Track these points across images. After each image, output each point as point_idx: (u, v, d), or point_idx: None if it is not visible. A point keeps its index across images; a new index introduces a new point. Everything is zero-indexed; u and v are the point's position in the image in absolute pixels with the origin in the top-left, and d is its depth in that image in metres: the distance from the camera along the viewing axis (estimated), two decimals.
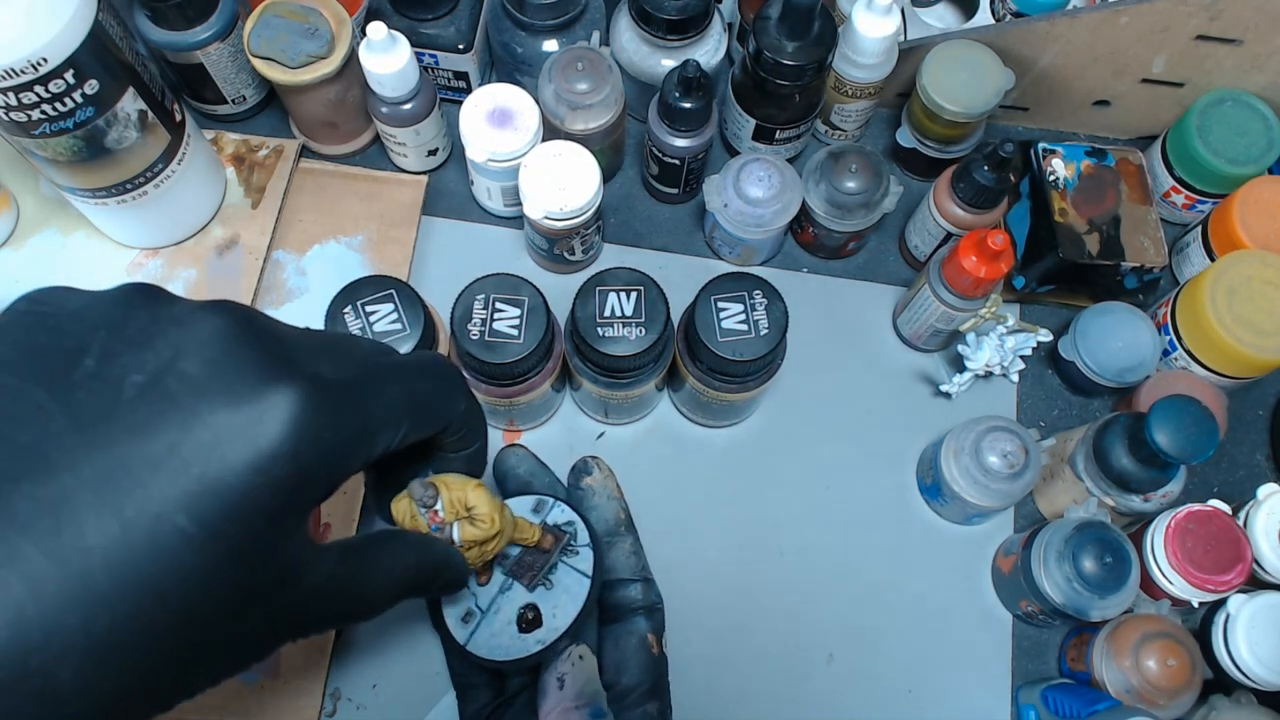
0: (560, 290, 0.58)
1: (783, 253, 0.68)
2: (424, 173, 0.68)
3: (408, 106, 0.62)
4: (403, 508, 0.42)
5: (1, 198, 0.63)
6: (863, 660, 0.59)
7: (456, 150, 0.69)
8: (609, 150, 0.65)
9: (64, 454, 0.22)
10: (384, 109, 0.62)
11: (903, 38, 0.68)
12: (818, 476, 0.62)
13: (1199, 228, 0.66)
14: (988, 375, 0.61)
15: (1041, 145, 0.63)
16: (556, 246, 0.62)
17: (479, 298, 0.52)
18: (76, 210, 0.61)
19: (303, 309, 0.64)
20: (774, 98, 0.62)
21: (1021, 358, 0.59)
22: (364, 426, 0.28)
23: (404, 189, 0.68)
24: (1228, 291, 0.58)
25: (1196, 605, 0.55)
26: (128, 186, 0.58)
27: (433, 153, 0.67)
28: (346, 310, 0.52)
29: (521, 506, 0.50)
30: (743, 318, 0.53)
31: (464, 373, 0.54)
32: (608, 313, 0.52)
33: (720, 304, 0.53)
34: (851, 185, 0.61)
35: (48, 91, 0.48)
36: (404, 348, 0.51)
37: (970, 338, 0.59)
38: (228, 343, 0.24)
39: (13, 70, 0.46)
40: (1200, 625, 0.56)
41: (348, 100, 0.64)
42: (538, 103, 0.60)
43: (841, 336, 0.66)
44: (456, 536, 0.43)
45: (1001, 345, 0.58)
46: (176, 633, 0.23)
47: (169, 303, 0.26)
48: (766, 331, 0.52)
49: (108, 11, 0.50)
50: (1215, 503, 0.55)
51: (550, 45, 0.64)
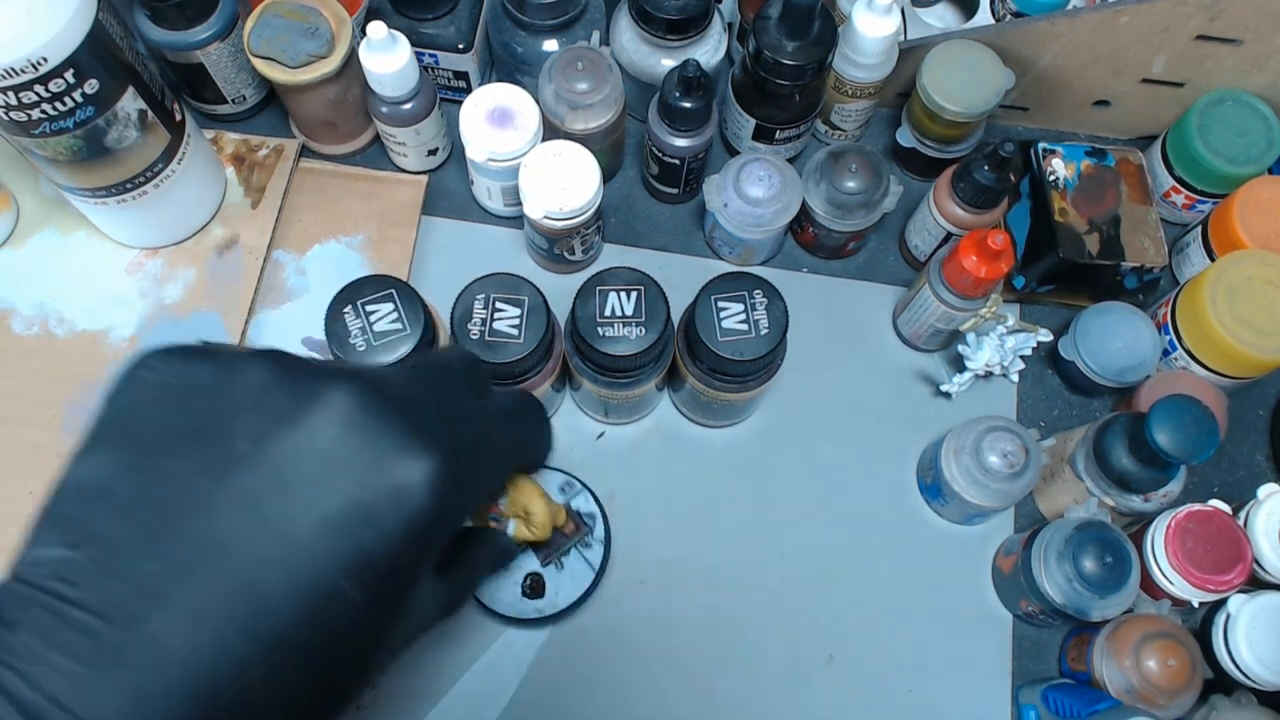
0: (560, 290, 0.58)
1: (783, 253, 0.68)
2: (424, 173, 0.68)
3: (408, 106, 0.62)
4: None
5: (1, 198, 0.63)
6: (863, 660, 0.59)
7: (456, 150, 0.69)
8: (609, 150, 0.65)
9: (238, 538, 0.24)
10: (384, 109, 0.62)
11: (903, 38, 0.68)
12: (818, 476, 0.62)
13: (1199, 228, 0.66)
14: (988, 375, 0.61)
15: (1041, 145, 0.63)
16: (556, 246, 0.62)
17: (479, 297, 0.52)
18: (76, 210, 0.61)
19: (303, 309, 0.64)
20: (774, 98, 0.62)
21: (1021, 358, 0.59)
22: (482, 481, 0.32)
23: (404, 189, 0.67)
24: (1228, 291, 0.58)
25: (1197, 605, 0.55)
26: (128, 186, 0.58)
27: (433, 152, 0.67)
28: (347, 310, 0.52)
29: (550, 482, 0.56)
30: (743, 317, 0.52)
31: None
32: (608, 312, 0.52)
33: (720, 304, 0.53)
34: (851, 185, 0.61)
35: (48, 91, 0.48)
36: (404, 347, 0.51)
37: (970, 338, 0.59)
38: (365, 418, 0.26)
39: (13, 70, 0.46)
40: (1200, 625, 0.56)
41: (348, 100, 0.64)
42: (538, 102, 0.60)
43: (841, 336, 0.66)
44: (510, 531, 0.49)
45: (1001, 345, 0.58)
46: (332, 673, 0.26)
47: (304, 375, 0.27)
48: (766, 331, 0.52)
49: (108, 11, 0.50)
50: (1215, 503, 0.55)
51: (550, 45, 0.64)
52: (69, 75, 0.48)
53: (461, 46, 0.65)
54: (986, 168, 0.57)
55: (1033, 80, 0.67)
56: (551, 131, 0.62)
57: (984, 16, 0.70)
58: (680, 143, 0.62)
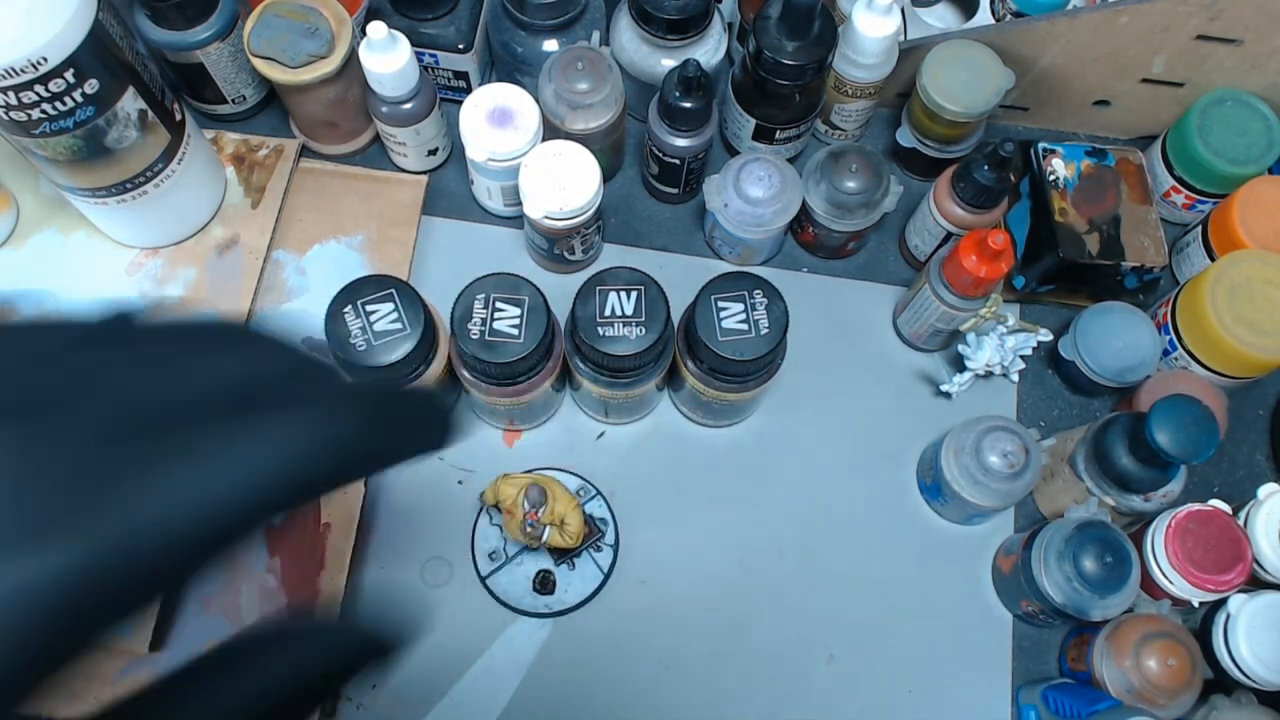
0: (560, 290, 0.58)
1: (783, 253, 0.68)
2: (424, 172, 0.68)
3: (408, 106, 0.62)
4: (510, 495, 0.54)
5: (1, 198, 0.63)
6: (863, 660, 0.59)
7: (456, 150, 0.69)
8: (609, 150, 0.65)
9: None
10: (384, 109, 0.62)
11: (903, 38, 0.68)
12: (818, 476, 0.62)
13: (1199, 228, 0.66)
14: (988, 375, 0.61)
15: (1041, 145, 0.63)
16: (556, 246, 0.62)
17: (479, 297, 0.52)
18: (76, 210, 0.61)
19: (303, 309, 0.64)
20: (774, 98, 0.62)
21: (1021, 358, 0.59)
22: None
23: (404, 189, 0.67)
24: (1228, 291, 0.58)
25: (1197, 605, 0.55)
26: (128, 186, 0.58)
27: (433, 152, 0.67)
28: (347, 310, 0.52)
29: (567, 484, 0.58)
30: (743, 317, 0.52)
31: (465, 373, 0.54)
32: (608, 312, 0.52)
33: (720, 304, 0.53)
34: (851, 185, 0.61)
35: (48, 91, 0.48)
36: (404, 347, 0.51)
37: (970, 338, 0.59)
38: None
39: (13, 70, 0.46)
40: (1200, 625, 0.56)
41: (348, 100, 0.64)
42: (538, 102, 0.60)
43: (841, 336, 0.66)
44: (546, 537, 0.54)
45: (1001, 345, 0.58)
46: None
47: None
48: (766, 331, 0.52)
49: (108, 11, 0.50)
50: (1215, 503, 0.55)
51: (550, 45, 0.64)
52: (69, 75, 0.48)
53: (461, 46, 0.65)
54: (986, 168, 0.57)
55: (1033, 80, 0.67)
56: (551, 131, 0.62)
57: (984, 16, 0.70)
58: (680, 143, 0.62)
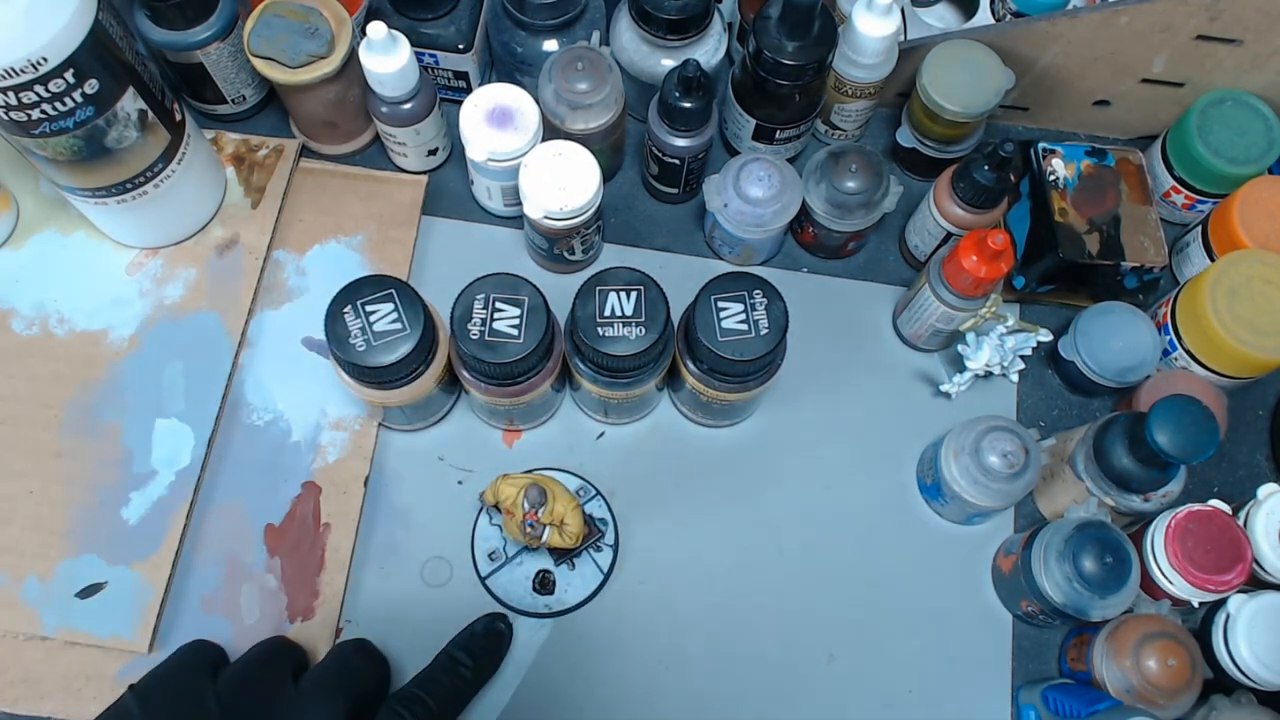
0: (560, 290, 0.58)
1: (783, 253, 0.68)
2: (424, 173, 0.68)
3: (408, 106, 0.62)
4: (510, 495, 0.54)
5: (1, 198, 0.63)
6: (863, 660, 0.59)
7: (456, 150, 0.69)
8: (609, 150, 0.65)
9: None
10: (384, 109, 0.62)
11: (903, 38, 0.68)
12: (818, 476, 0.62)
13: (1199, 228, 0.66)
14: (988, 375, 0.61)
15: (1041, 145, 0.63)
16: (556, 246, 0.62)
17: (479, 297, 0.52)
18: (76, 210, 0.61)
19: (303, 309, 0.64)
20: (774, 98, 0.62)
21: (1021, 358, 0.59)
22: None
23: (404, 189, 0.67)
24: (1228, 291, 0.58)
25: (1196, 605, 0.55)
26: (128, 186, 0.58)
27: (433, 152, 0.67)
28: (346, 310, 0.52)
29: (567, 484, 0.58)
30: (743, 318, 0.52)
31: (465, 373, 0.55)
32: (608, 312, 0.52)
33: (720, 304, 0.53)
34: (851, 185, 0.61)
35: (48, 91, 0.48)
36: (404, 347, 0.51)
37: (970, 338, 0.59)
38: None
39: (13, 70, 0.46)
40: (1200, 625, 0.56)
41: (348, 100, 0.64)
42: (538, 102, 0.60)
43: (841, 336, 0.66)
44: (546, 537, 0.55)
45: (1001, 345, 0.58)
46: None
47: None
48: (766, 331, 0.52)
49: (108, 11, 0.50)
50: (1215, 503, 0.55)
51: (550, 45, 0.64)
52: (69, 75, 0.48)
53: (461, 46, 0.65)
54: (986, 168, 0.57)
55: (1033, 80, 0.67)
56: (551, 131, 0.62)
57: (984, 16, 0.70)
58: (680, 143, 0.62)
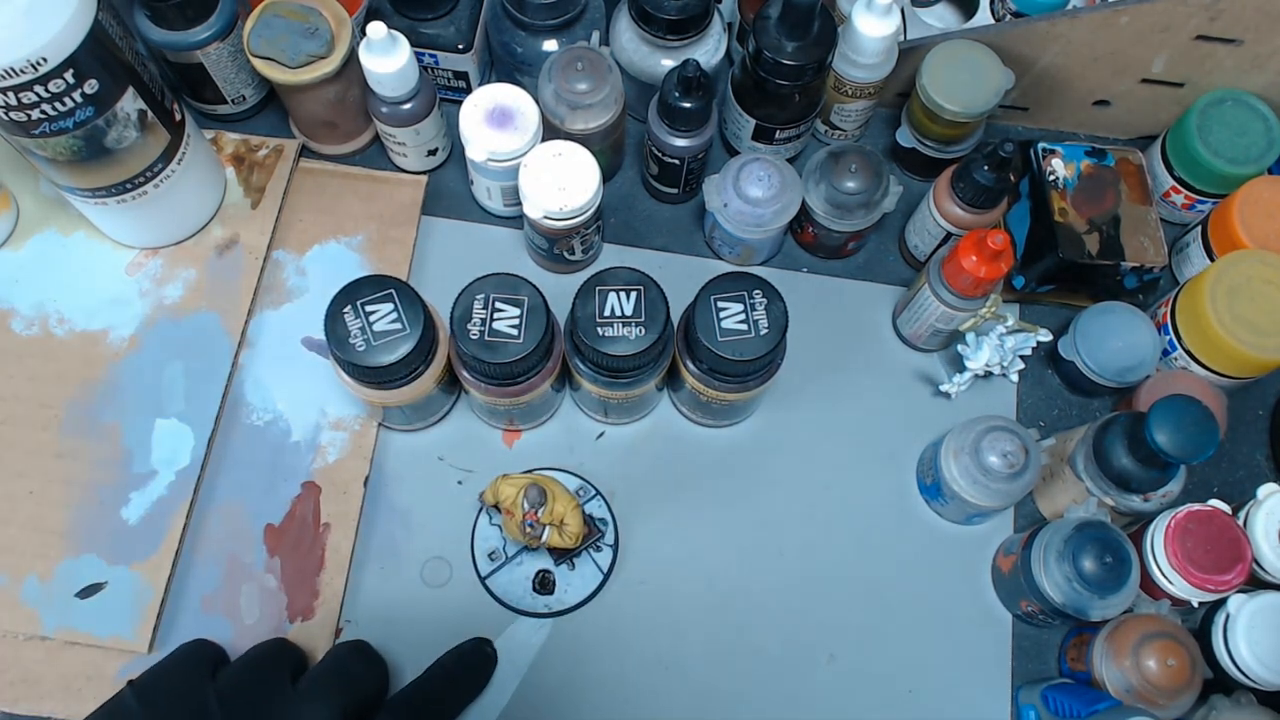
0: (560, 290, 0.58)
1: (783, 253, 0.68)
2: (424, 173, 0.68)
3: (408, 106, 0.62)
4: (510, 495, 0.54)
5: (1, 198, 0.63)
6: (863, 660, 0.59)
7: (456, 150, 0.69)
8: (609, 150, 0.65)
9: None
10: (384, 109, 0.62)
11: (903, 38, 0.68)
12: (818, 476, 0.62)
13: (1199, 228, 0.66)
14: (988, 375, 0.61)
15: (1041, 145, 0.63)
16: (556, 246, 0.62)
17: (479, 297, 0.52)
18: (76, 210, 0.61)
19: (303, 309, 0.64)
20: (774, 98, 0.62)
21: (1021, 358, 0.59)
22: None
23: (404, 189, 0.68)
24: (1228, 291, 0.58)
25: (1196, 605, 0.55)
26: (128, 186, 0.58)
27: (433, 153, 0.67)
28: (346, 310, 0.52)
29: (567, 484, 0.58)
30: (743, 318, 0.53)
31: (465, 373, 0.55)
32: (608, 312, 0.52)
33: (720, 304, 0.53)
34: (851, 185, 0.61)
35: (47, 91, 0.48)
36: (404, 347, 0.51)
37: (970, 338, 0.59)
38: None
39: (12, 70, 0.46)
40: (1200, 625, 0.56)
41: (348, 100, 0.64)
42: (538, 103, 0.60)
43: (841, 336, 0.66)
44: (545, 537, 0.55)
45: (1001, 345, 0.58)
46: None
47: None
48: (766, 331, 0.52)
49: (108, 11, 0.50)
50: (1215, 503, 0.55)
51: (550, 45, 0.64)
52: (69, 75, 0.48)
53: (461, 46, 0.65)
54: (986, 168, 0.57)
55: (1033, 80, 0.67)
56: (551, 131, 0.62)
57: (984, 16, 0.70)
58: (680, 143, 0.62)
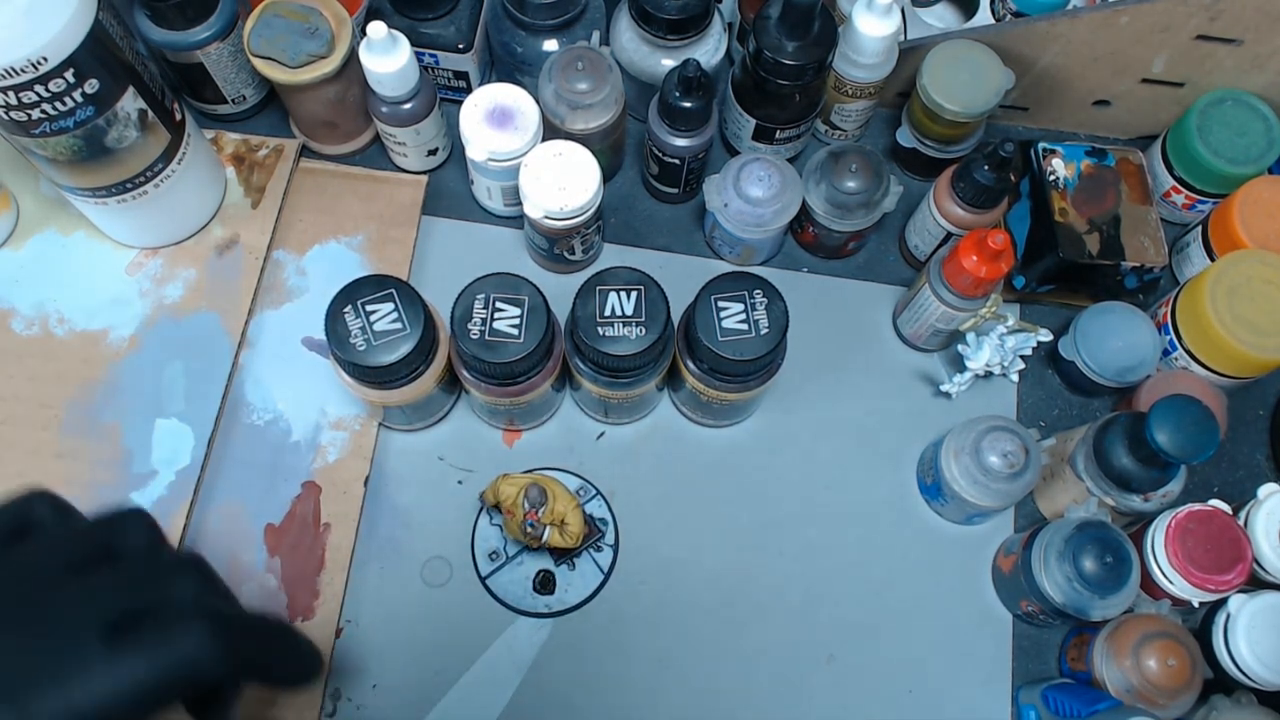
0: (560, 290, 0.58)
1: (783, 253, 0.68)
2: (424, 172, 0.68)
3: (408, 106, 0.62)
4: (510, 494, 0.54)
5: (1, 198, 0.63)
6: (863, 660, 0.59)
7: (456, 150, 0.69)
8: (609, 150, 0.65)
9: None
10: (384, 109, 0.62)
11: (903, 38, 0.68)
12: (818, 476, 0.62)
13: (1199, 228, 0.66)
14: (988, 375, 0.61)
15: (1041, 145, 0.63)
16: (556, 246, 0.62)
17: (479, 297, 0.52)
18: (76, 210, 0.61)
19: (303, 309, 0.64)
20: (774, 98, 0.62)
21: (1021, 357, 0.59)
22: None
23: (404, 189, 0.68)
24: (1228, 291, 0.58)
25: (1197, 605, 0.55)
26: (128, 186, 0.58)
27: (433, 152, 0.67)
28: (347, 310, 0.52)
29: (567, 484, 0.58)
30: (743, 317, 0.53)
31: (465, 373, 0.54)
32: (608, 312, 0.52)
33: (720, 304, 0.53)
34: (851, 185, 0.61)
35: (48, 91, 0.48)
36: (404, 347, 0.51)
37: (970, 337, 0.59)
38: None
39: (13, 70, 0.46)
40: (1200, 625, 0.56)
41: (348, 100, 0.64)
42: (538, 102, 0.60)
43: (841, 336, 0.66)
44: (546, 537, 0.55)
45: (1001, 345, 0.58)
46: None
47: None
48: (766, 331, 0.52)
49: (108, 11, 0.50)
50: (1215, 502, 0.55)
51: (550, 45, 0.64)
52: (69, 75, 0.48)
53: (461, 46, 0.65)
54: (986, 168, 0.57)
55: (1033, 80, 0.67)
56: (551, 131, 0.62)
57: (984, 16, 0.70)
58: (680, 143, 0.62)
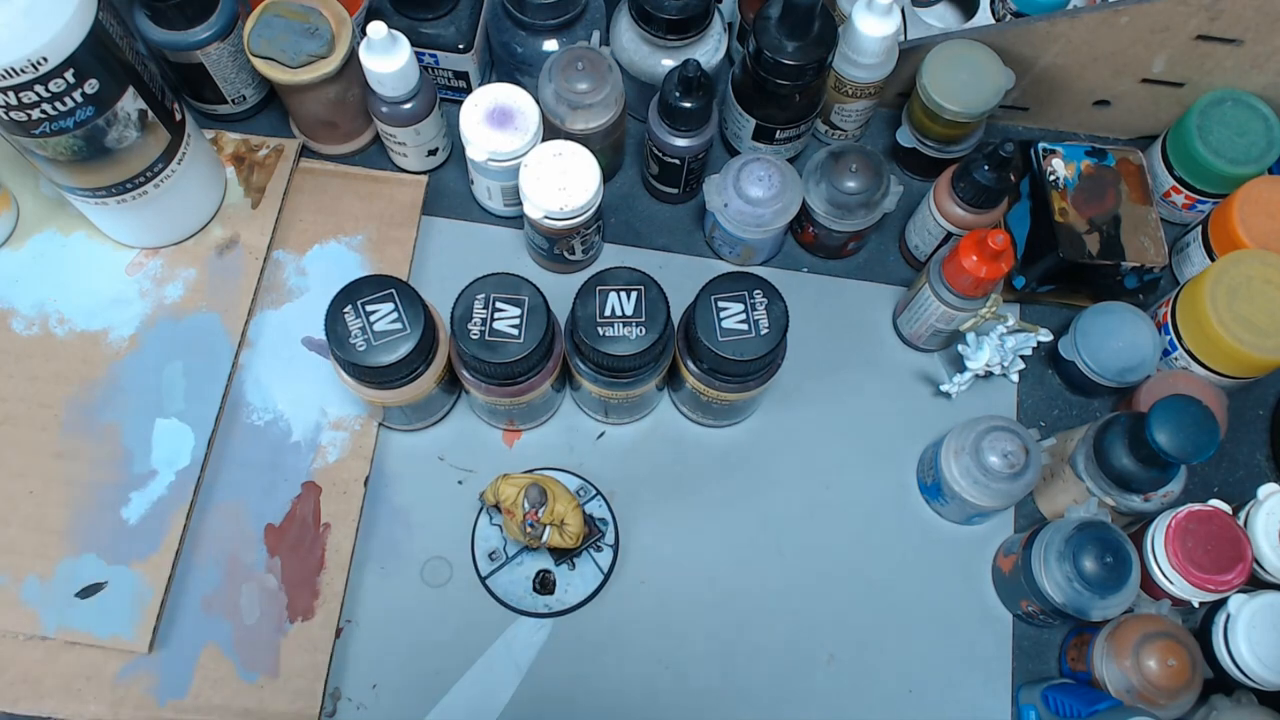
0: (560, 290, 0.58)
1: (783, 253, 0.68)
2: (424, 172, 0.68)
3: (408, 106, 0.62)
4: (510, 495, 0.54)
5: (1, 198, 0.63)
6: (863, 660, 0.59)
7: (456, 150, 0.69)
8: (609, 150, 0.65)
9: None
10: (384, 109, 0.62)
11: (903, 38, 0.68)
12: (818, 476, 0.62)
13: (1199, 228, 0.66)
14: (988, 375, 0.61)
15: (1041, 145, 0.63)
16: (556, 246, 0.62)
17: (479, 297, 0.52)
18: (76, 210, 0.61)
19: (303, 309, 0.64)
20: (774, 98, 0.62)
21: (1021, 358, 0.59)
22: None
23: (404, 189, 0.68)
24: (1228, 291, 0.58)
25: (1197, 605, 0.55)
26: (128, 186, 0.58)
27: (433, 152, 0.67)
28: (347, 310, 0.52)
29: (567, 484, 0.58)
30: (743, 317, 0.53)
31: (465, 373, 0.55)
32: (608, 312, 0.52)
33: (720, 304, 0.53)
34: (852, 185, 0.61)
35: (48, 91, 0.48)
36: (404, 347, 0.51)
37: (970, 338, 0.59)
38: None
39: (13, 70, 0.46)
40: (1200, 625, 0.56)
41: (348, 100, 0.64)
42: (538, 102, 0.60)
43: (841, 336, 0.66)
44: (546, 537, 0.54)
45: (1001, 345, 0.58)
46: None
47: None
48: (766, 331, 0.52)
49: (108, 11, 0.50)
50: (1215, 502, 0.55)
51: (550, 45, 0.64)
52: (69, 75, 0.48)
53: (461, 46, 0.65)
54: (986, 168, 0.57)
55: (1033, 80, 0.67)
56: (551, 131, 0.62)
57: (984, 16, 0.70)
58: (680, 143, 0.62)
